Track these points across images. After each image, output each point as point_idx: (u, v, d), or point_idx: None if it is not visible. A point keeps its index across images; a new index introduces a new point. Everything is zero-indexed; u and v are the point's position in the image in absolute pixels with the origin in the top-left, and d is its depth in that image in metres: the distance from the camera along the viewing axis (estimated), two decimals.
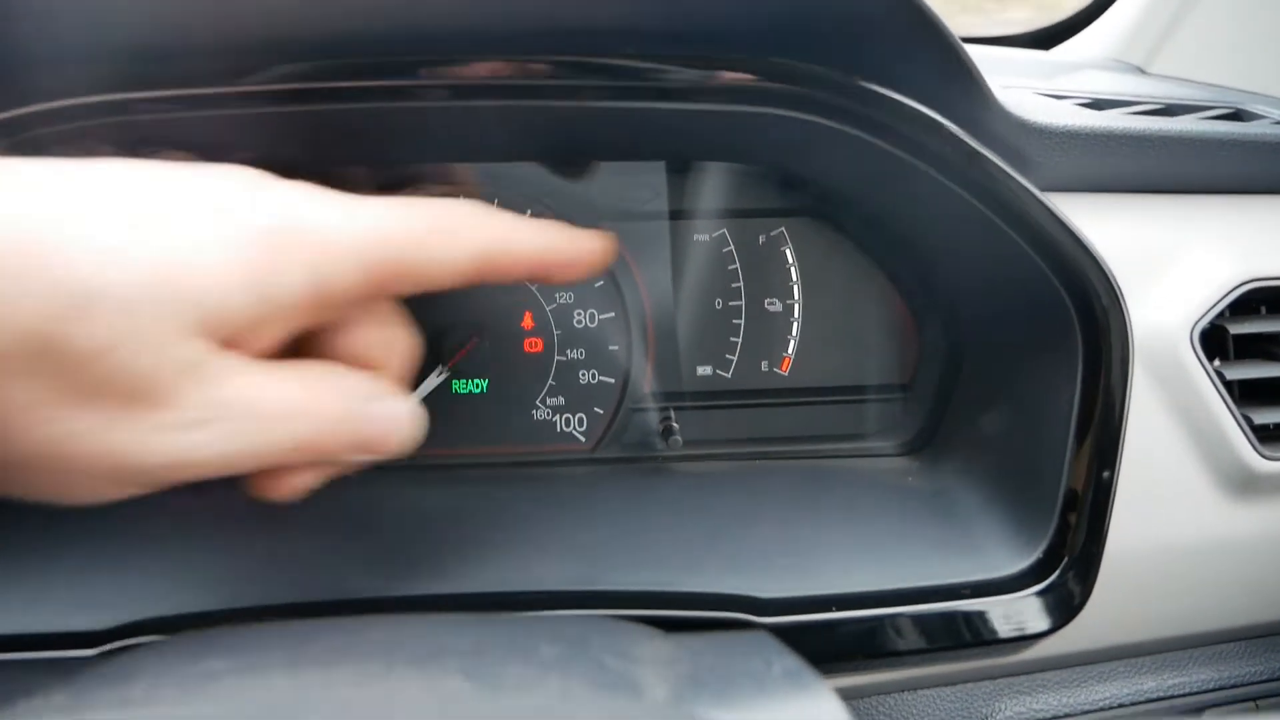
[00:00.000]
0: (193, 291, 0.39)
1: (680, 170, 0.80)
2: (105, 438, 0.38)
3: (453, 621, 0.44)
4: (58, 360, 0.36)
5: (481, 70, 0.65)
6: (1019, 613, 0.63)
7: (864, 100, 0.63)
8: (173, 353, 0.38)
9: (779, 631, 0.60)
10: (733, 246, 0.82)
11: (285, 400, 0.43)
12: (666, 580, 0.62)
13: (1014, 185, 0.63)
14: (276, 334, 0.44)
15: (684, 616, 0.60)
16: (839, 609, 0.62)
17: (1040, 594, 0.64)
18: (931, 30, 0.61)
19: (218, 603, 0.59)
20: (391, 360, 0.52)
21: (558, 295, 0.81)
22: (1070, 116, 0.73)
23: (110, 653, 0.56)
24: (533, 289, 0.81)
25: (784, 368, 0.83)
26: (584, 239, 0.57)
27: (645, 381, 0.82)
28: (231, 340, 0.41)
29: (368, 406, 0.48)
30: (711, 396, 0.83)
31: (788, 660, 0.38)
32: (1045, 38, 1.38)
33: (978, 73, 0.65)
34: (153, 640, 0.56)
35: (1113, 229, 0.71)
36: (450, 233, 0.49)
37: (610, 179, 0.80)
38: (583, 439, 0.83)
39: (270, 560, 0.64)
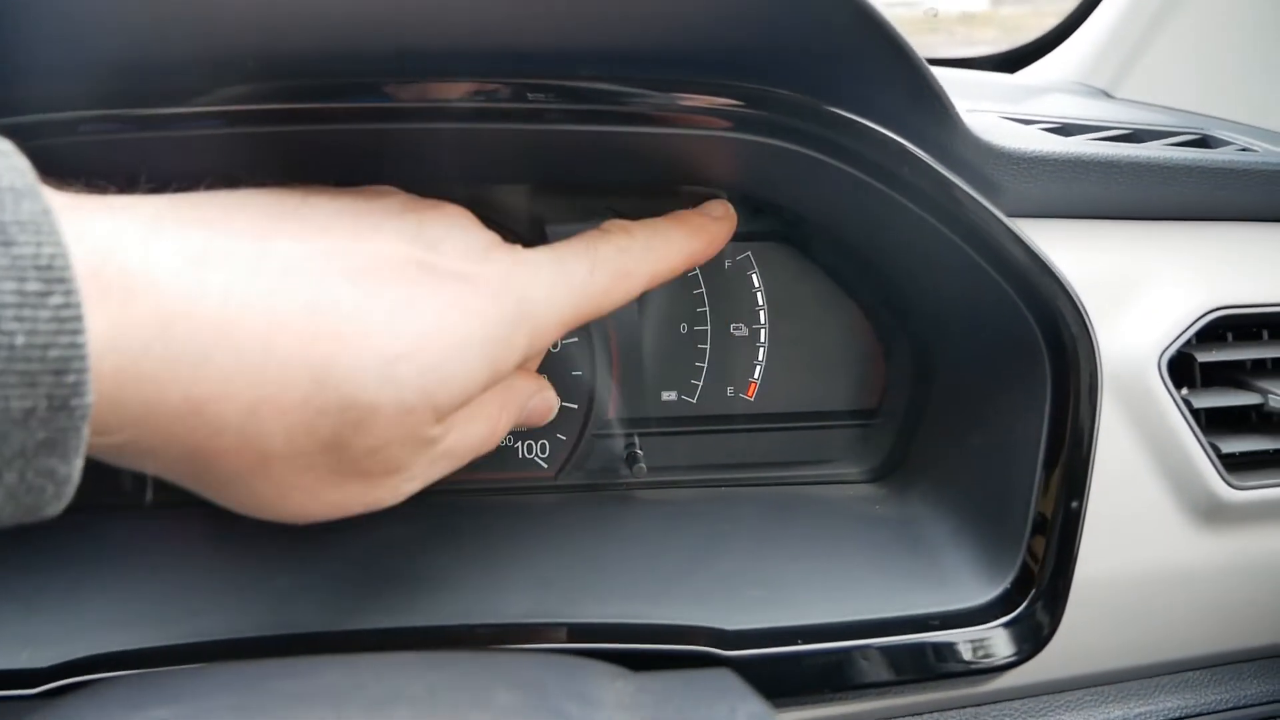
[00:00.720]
0: (448, 398, 0.47)
1: (643, 194, 0.79)
2: (360, 498, 0.48)
3: (407, 664, 0.42)
4: (338, 455, 0.44)
5: (443, 93, 0.64)
6: (987, 644, 0.62)
7: (831, 125, 0.63)
8: (420, 438, 0.47)
9: (745, 664, 0.59)
10: (698, 271, 0.80)
11: (478, 436, 0.53)
12: (630, 612, 0.61)
13: (982, 212, 0.62)
14: None
15: (648, 650, 0.59)
16: (805, 641, 0.61)
17: (1008, 625, 0.63)
18: (899, 55, 0.61)
19: (166, 638, 0.57)
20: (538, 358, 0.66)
21: None
22: (1037, 142, 0.73)
23: (52, 693, 0.54)
24: None
25: (750, 393, 0.82)
26: (718, 228, 0.67)
27: (609, 407, 0.81)
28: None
29: (530, 405, 0.61)
30: (676, 422, 0.82)
31: (752, 705, 0.36)
32: (1011, 60, 1.38)
33: (946, 98, 0.65)
34: (96, 679, 0.54)
35: (1079, 255, 0.71)
36: (627, 275, 0.59)
37: (574, 202, 0.79)
38: (545, 465, 0.81)
39: (221, 594, 0.62)
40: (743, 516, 0.75)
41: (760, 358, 0.82)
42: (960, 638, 0.62)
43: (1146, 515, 0.69)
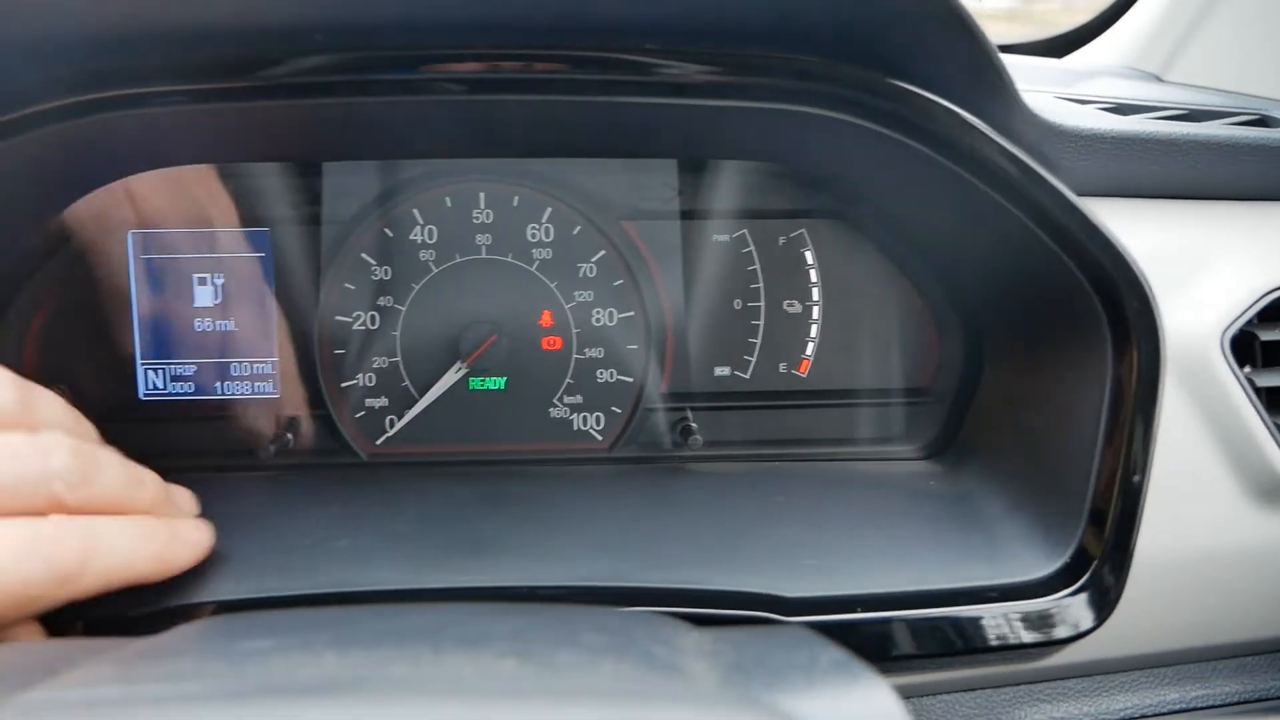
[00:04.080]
0: None
1: (700, 170, 0.79)
2: None
3: (488, 610, 0.43)
4: None
5: (500, 65, 0.64)
6: (1046, 617, 0.62)
7: (894, 99, 0.63)
8: None
9: None
10: (753, 247, 0.81)
11: None
12: (690, 578, 0.61)
13: (1044, 185, 0.62)
14: None
15: (708, 614, 0.59)
16: (864, 610, 0.61)
17: (1067, 599, 0.63)
18: (965, 30, 0.61)
19: (233, 594, 0.58)
20: None
21: (577, 294, 0.80)
22: (1094, 120, 0.73)
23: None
24: (551, 286, 0.80)
25: (802, 369, 0.83)
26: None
27: (663, 381, 0.82)
28: None
29: None
30: (729, 397, 0.82)
31: (833, 652, 0.37)
32: (1057, 46, 1.37)
33: (1007, 74, 0.65)
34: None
35: (1138, 234, 0.70)
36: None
37: (630, 177, 0.79)
38: (599, 437, 0.82)
39: (283, 553, 0.63)
40: (795, 489, 0.75)
41: (813, 334, 0.82)
42: (1019, 609, 0.61)
43: (1207, 493, 0.69)
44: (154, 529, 0.57)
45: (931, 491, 0.75)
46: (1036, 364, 0.72)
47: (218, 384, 0.79)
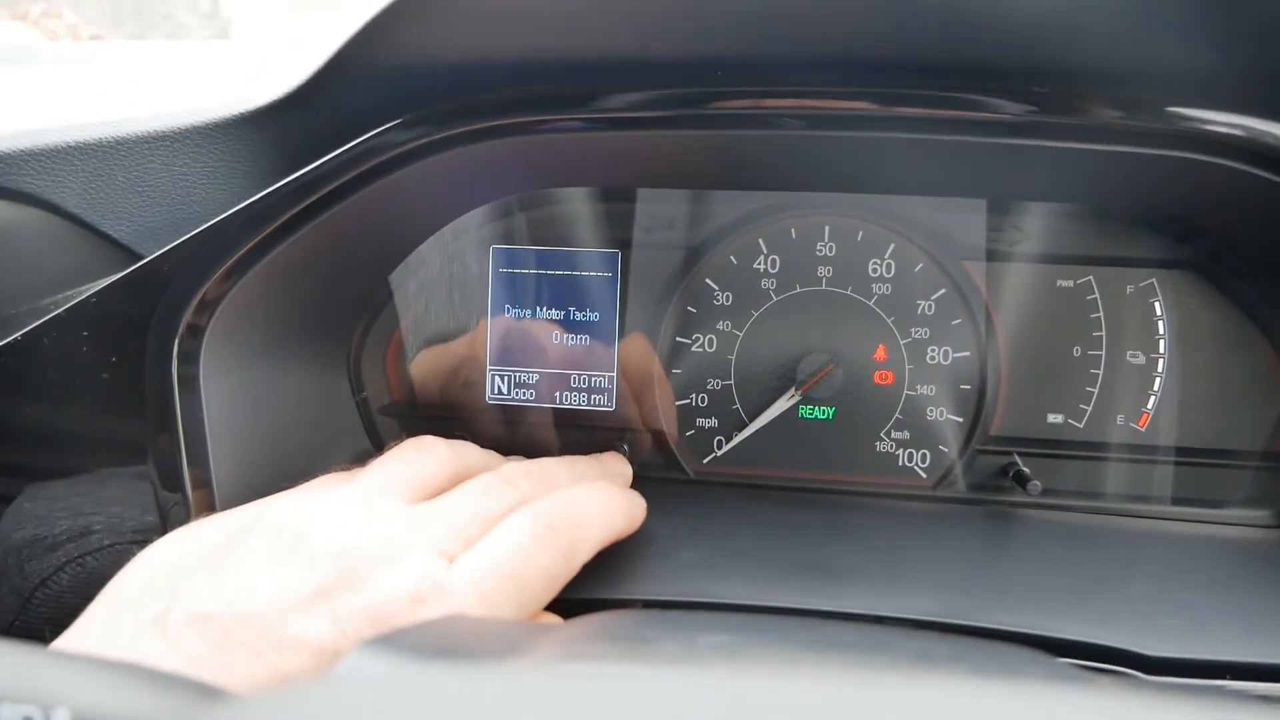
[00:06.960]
0: None
1: (1048, 214, 0.78)
2: None
3: (868, 630, 0.43)
4: None
5: (854, 105, 0.66)
6: None
7: None
8: None
9: None
10: (1098, 295, 0.79)
11: None
12: (1041, 625, 0.60)
13: None
14: None
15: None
16: (1234, 678, 0.58)
17: None
18: None
19: (609, 592, 0.62)
20: None
21: (913, 330, 0.80)
22: None
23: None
24: (889, 321, 0.80)
25: (1141, 423, 0.80)
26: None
27: (993, 424, 0.81)
28: None
29: None
30: (1061, 445, 0.80)
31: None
32: None
33: None
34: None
35: None
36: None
37: (975, 217, 0.79)
38: (924, 475, 0.82)
39: (633, 561, 0.66)
40: (1142, 546, 0.72)
41: (1156, 388, 0.79)
42: None
43: None
44: (611, 490, 0.65)
45: None
46: None
47: (557, 394, 0.84)
